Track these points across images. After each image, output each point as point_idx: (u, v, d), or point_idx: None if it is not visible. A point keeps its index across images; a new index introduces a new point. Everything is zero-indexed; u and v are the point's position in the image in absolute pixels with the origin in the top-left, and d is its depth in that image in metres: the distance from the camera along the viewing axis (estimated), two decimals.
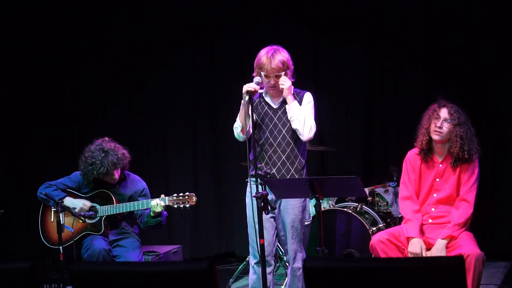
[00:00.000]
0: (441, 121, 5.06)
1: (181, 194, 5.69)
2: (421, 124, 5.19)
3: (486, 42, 7.26)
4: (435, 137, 5.08)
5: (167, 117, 8.29)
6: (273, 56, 4.86)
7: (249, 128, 4.88)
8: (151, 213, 5.70)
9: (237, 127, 4.95)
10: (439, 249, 4.94)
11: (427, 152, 5.14)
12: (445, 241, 4.96)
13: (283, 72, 4.89)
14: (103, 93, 8.33)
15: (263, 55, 4.91)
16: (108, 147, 5.83)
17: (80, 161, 5.89)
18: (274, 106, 5.03)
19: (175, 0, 8.16)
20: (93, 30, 8.28)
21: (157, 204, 5.66)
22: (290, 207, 4.95)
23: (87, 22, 8.27)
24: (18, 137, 8.41)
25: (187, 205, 5.68)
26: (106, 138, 5.95)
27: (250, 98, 4.71)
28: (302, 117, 4.87)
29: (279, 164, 4.97)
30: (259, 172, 4.50)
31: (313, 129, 4.92)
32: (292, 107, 4.90)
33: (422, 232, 5.08)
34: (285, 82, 4.89)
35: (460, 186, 5.08)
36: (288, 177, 4.95)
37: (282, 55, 4.90)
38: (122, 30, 8.26)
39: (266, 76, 4.89)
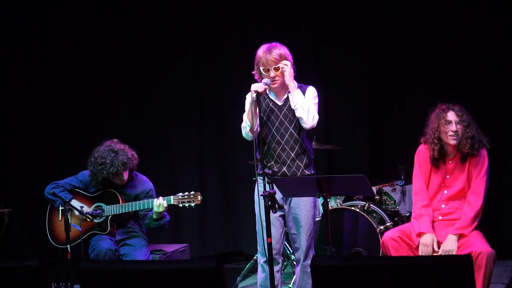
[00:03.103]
0: (454, 125, 5.06)
1: (186, 193, 5.68)
2: (429, 133, 5.16)
3: (488, 42, 7.24)
4: (452, 142, 5.07)
5: (172, 117, 8.29)
6: (270, 50, 4.91)
7: (257, 127, 4.88)
8: (154, 214, 5.71)
9: (246, 126, 4.93)
10: (450, 241, 4.94)
11: (439, 159, 5.13)
12: (456, 237, 4.96)
13: (281, 64, 4.90)
14: (109, 94, 8.35)
15: (260, 50, 4.96)
16: (118, 148, 5.85)
17: (89, 162, 5.90)
18: (279, 103, 5.02)
19: (177, 2, 8.18)
20: (97, 34, 8.30)
21: (160, 204, 5.65)
22: (303, 204, 4.95)
23: (91, 27, 8.29)
24: (25, 138, 8.43)
25: (192, 204, 5.67)
26: (115, 140, 5.97)
27: (258, 98, 4.71)
28: (306, 105, 4.87)
29: (288, 162, 4.96)
30: (267, 170, 4.50)
31: (316, 118, 4.91)
32: (296, 95, 4.88)
33: (432, 228, 5.08)
34: (287, 64, 4.88)
35: (470, 181, 5.08)
36: (298, 174, 4.95)
37: (278, 48, 4.93)
38: (125, 34, 8.30)
39: (264, 70, 4.90)
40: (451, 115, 5.09)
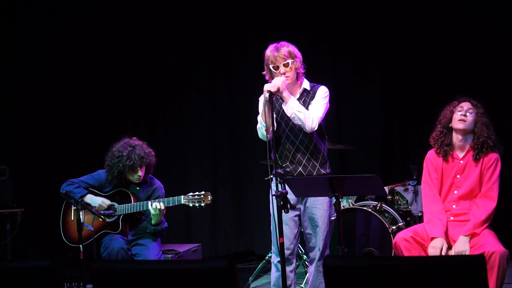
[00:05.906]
0: (465, 111, 5.04)
1: (196, 193, 5.68)
2: (440, 121, 5.15)
3: (505, 44, 7.25)
4: (459, 126, 5.03)
5: (186, 117, 8.31)
6: (277, 48, 4.89)
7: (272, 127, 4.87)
8: (152, 219, 5.73)
9: (261, 127, 4.90)
10: (462, 242, 4.91)
11: (447, 149, 5.10)
12: (467, 238, 4.93)
13: (291, 60, 4.87)
14: (124, 99, 8.42)
15: (268, 49, 4.95)
16: (136, 143, 5.89)
17: (106, 156, 5.94)
18: None
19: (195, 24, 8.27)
20: (112, 55, 8.43)
21: (156, 207, 5.66)
22: (319, 203, 4.93)
23: (110, 50, 8.40)
24: (40, 141, 8.48)
25: (203, 204, 5.66)
26: (134, 137, 6.01)
27: (270, 98, 4.69)
28: (302, 113, 4.83)
29: (304, 161, 4.94)
30: (279, 170, 4.48)
31: (316, 120, 4.85)
32: (289, 106, 4.85)
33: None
34: (278, 79, 4.80)
35: (481, 183, 5.05)
36: (315, 173, 4.93)
37: (287, 46, 4.91)
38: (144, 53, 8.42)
39: (274, 67, 4.89)
40: (465, 104, 5.08)
